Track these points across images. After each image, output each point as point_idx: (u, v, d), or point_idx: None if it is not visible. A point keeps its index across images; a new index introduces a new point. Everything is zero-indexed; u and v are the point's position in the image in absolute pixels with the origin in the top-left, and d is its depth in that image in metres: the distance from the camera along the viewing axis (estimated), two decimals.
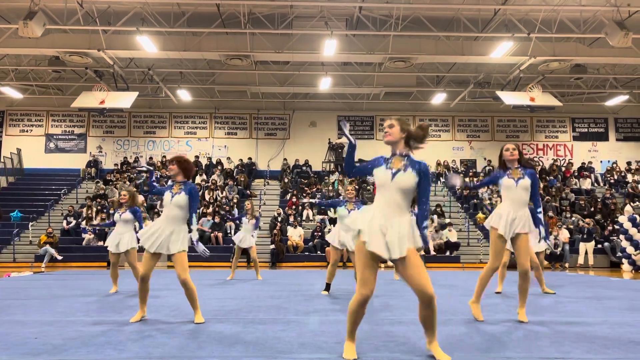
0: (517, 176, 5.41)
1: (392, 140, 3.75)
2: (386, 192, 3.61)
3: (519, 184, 5.38)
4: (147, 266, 5.12)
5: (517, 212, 5.34)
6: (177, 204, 5.17)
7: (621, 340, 4.36)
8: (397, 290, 8.68)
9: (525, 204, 5.39)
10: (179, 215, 5.19)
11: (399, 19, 15.65)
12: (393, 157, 3.74)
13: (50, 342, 4.18)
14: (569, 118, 24.27)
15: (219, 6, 15.32)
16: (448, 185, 5.85)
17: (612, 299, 7.51)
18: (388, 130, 3.76)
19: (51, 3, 15.09)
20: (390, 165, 3.68)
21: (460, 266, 16.76)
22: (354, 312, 3.60)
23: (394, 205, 3.59)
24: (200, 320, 5.14)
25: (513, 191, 5.42)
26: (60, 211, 19.72)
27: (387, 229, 3.52)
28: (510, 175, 5.44)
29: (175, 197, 5.17)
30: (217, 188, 20.57)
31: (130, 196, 8.16)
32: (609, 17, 14.95)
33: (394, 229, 3.51)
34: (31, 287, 9.30)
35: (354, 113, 23.95)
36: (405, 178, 3.62)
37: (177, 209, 5.17)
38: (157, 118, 23.91)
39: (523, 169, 5.44)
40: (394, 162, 3.69)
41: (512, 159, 5.49)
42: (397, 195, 3.60)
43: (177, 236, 5.13)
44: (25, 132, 23.56)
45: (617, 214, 18.36)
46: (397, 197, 3.60)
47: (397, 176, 3.61)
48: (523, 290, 5.33)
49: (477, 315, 5.40)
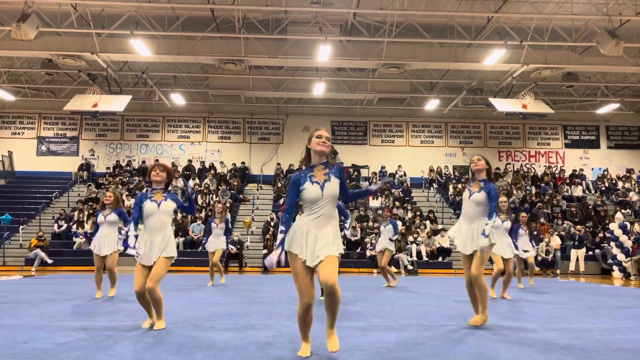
0: (474, 189, 5.36)
1: (327, 152, 3.85)
2: (317, 206, 3.74)
3: (472, 197, 5.35)
4: (140, 282, 4.98)
5: (469, 226, 5.36)
6: (166, 211, 5.14)
7: (611, 348, 4.38)
8: (388, 296, 8.69)
9: (478, 218, 5.33)
10: (167, 222, 5.16)
11: (392, 25, 15.73)
12: (313, 169, 3.82)
13: (39, 347, 4.15)
14: (560, 125, 24.44)
15: (214, 11, 15.33)
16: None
17: (602, 306, 7.54)
18: (326, 142, 3.83)
19: (45, 5, 15.05)
20: (314, 179, 3.77)
21: (452, 272, 16.78)
22: (302, 318, 3.81)
23: (326, 216, 3.75)
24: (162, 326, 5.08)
25: (466, 204, 5.44)
26: (52, 214, 19.57)
27: (316, 240, 3.69)
28: (470, 188, 5.43)
29: (162, 205, 5.11)
30: (210, 192, 20.52)
31: (115, 198, 8.10)
32: (600, 25, 15.09)
33: (323, 238, 3.69)
34: (21, 291, 9.23)
35: (347, 118, 23.99)
36: (333, 187, 3.78)
37: (166, 216, 5.14)
38: (150, 122, 23.84)
39: (485, 182, 5.36)
40: (317, 175, 3.79)
41: (475, 169, 5.46)
42: (329, 206, 3.77)
43: (168, 242, 5.06)
44: (17, 134, 23.42)
45: (608, 221, 18.47)
46: (329, 208, 3.77)
47: (326, 188, 3.75)
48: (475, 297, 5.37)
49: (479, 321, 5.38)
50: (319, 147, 3.81)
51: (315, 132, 3.87)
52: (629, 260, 15.74)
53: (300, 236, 3.71)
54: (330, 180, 3.76)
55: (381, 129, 24.07)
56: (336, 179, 3.79)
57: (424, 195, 22.16)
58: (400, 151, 23.74)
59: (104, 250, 7.98)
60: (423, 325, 5.48)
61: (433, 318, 6.04)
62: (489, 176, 5.43)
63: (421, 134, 24.26)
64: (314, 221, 3.72)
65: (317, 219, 3.72)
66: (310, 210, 3.75)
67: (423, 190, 22.52)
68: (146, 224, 5.12)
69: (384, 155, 23.42)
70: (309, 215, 3.75)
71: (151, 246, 5.02)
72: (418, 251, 17.28)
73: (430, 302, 7.76)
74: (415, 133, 24.23)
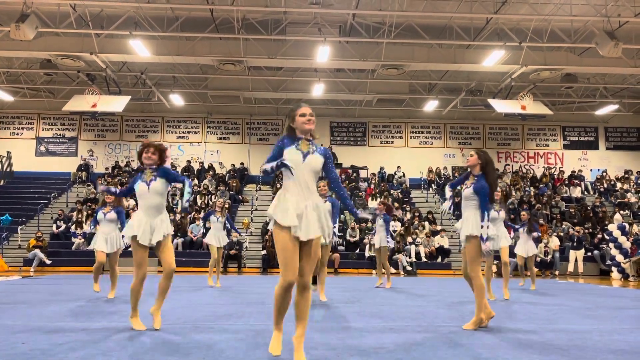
0: (468, 184, 5.40)
1: (313, 130, 3.75)
2: (297, 173, 3.63)
3: (463, 193, 5.43)
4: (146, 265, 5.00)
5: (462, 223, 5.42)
6: (156, 191, 4.99)
7: (610, 349, 4.38)
8: (387, 297, 8.69)
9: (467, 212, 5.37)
10: (161, 203, 5.06)
11: (392, 26, 15.74)
12: (299, 140, 3.73)
13: (38, 348, 4.14)
14: (559, 126, 24.46)
15: (213, 11, 15.34)
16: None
17: (601, 307, 7.55)
18: (311, 119, 3.73)
19: (44, 6, 15.04)
20: (299, 147, 3.70)
21: (452, 273, 16.79)
22: (282, 299, 3.61)
23: (305, 185, 3.65)
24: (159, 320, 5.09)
25: (462, 199, 5.49)
26: (50, 215, 19.55)
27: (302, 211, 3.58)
28: (467, 182, 5.47)
29: (152, 185, 4.98)
30: (209, 193, 20.51)
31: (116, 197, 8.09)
32: (599, 27, 15.12)
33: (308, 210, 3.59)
34: (19, 291, 9.21)
35: (346, 119, 24.00)
36: (316, 160, 3.68)
37: (158, 196, 5.01)
38: (149, 122, 23.83)
39: (479, 178, 5.35)
40: (302, 145, 3.71)
41: (468, 165, 5.50)
42: (309, 177, 3.67)
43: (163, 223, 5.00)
44: (16, 135, 23.40)
45: (607, 222, 18.49)
46: (310, 180, 3.68)
47: (308, 158, 3.67)
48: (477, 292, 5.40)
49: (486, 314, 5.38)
50: (306, 126, 3.69)
51: (299, 110, 3.72)
52: (627, 261, 15.75)
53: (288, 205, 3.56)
54: (313, 154, 3.68)
55: (380, 130, 24.09)
56: (319, 157, 3.70)
57: (423, 196, 22.17)
58: (399, 152, 23.75)
59: (107, 247, 8.01)
60: (422, 326, 5.48)
61: (432, 319, 6.04)
62: (484, 171, 5.36)
63: (420, 135, 24.28)
64: (295, 189, 3.61)
65: (299, 188, 3.61)
66: (289, 178, 3.64)
67: (422, 191, 22.54)
68: (141, 206, 5.04)
69: (383, 156, 23.44)
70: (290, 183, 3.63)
71: (151, 229, 4.94)
72: (417, 252, 17.29)
73: (429, 303, 7.76)
74: (414, 134, 24.24)
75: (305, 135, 3.73)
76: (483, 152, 5.51)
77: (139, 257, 4.98)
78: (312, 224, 3.59)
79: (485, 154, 5.49)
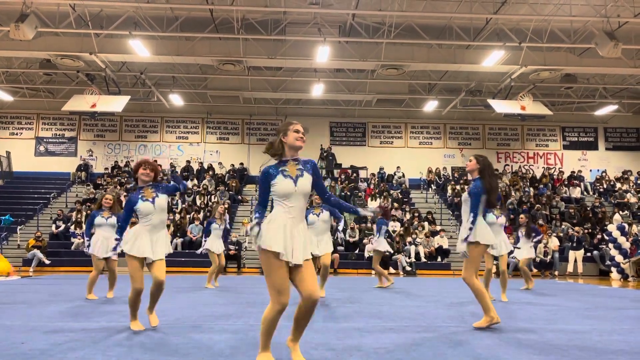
0: (466, 189, 5.46)
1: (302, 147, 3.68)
2: (290, 200, 3.58)
3: (462, 197, 5.46)
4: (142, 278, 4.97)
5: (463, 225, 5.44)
6: (162, 207, 5.06)
7: (609, 349, 4.38)
8: (387, 297, 8.69)
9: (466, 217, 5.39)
10: (165, 218, 5.19)
11: (391, 26, 15.74)
12: (286, 163, 3.65)
13: (37, 348, 4.14)
14: (559, 127, 24.47)
15: (212, 11, 15.33)
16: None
17: (600, 308, 7.55)
18: (304, 137, 3.67)
19: (43, 6, 15.03)
20: (286, 172, 3.61)
21: (451, 273, 16.79)
22: (273, 322, 3.52)
23: (298, 211, 3.61)
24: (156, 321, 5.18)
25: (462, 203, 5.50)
26: (50, 215, 19.54)
27: (293, 236, 3.53)
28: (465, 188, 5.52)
29: (157, 202, 5.02)
30: (208, 193, 20.50)
31: (115, 201, 8.06)
32: (599, 27, 15.12)
33: (300, 235, 3.56)
34: (18, 291, 9.21)
35: (346, 119, 24.00)
36: (306, 182, 3.62)
37: (163, 212, 5.11)
38: (148, 122, 23.82)
39: (476, 181, 5.35)
40: (289, 170, 3.63)
41: (467, 170, 5.52)
42: (302, 201, 3.63)
43: (165, 240, 5.09)
44: (15, 135, 23.38)
45: (606, 222, 18.49)
46: (302, 203, 3.64)
47: (299, 183, 3.60)
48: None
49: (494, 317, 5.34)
50: (297, 143, 3.63)
51: (292, 126, 3.64)
52: (627, 261, 15.76)
53: (277, 230, 3.50)
54: (303, 176, 3.61)
55: (380, 130, 24.09)
56: (309, 175, 3.64)
57: (423, 197, 22.17)
58: (399, 152, 23.75)
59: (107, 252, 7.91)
60: (422, 326, 5.48)
61: (431, 319, 6.04)
62: (481, 174, 5.36)
63: (420, 135, 24.28)
64: (288, 216, 3.56)
65: (292, 215, 3.56)
66: (283, 206, 3.58)
67: (421, 191, 22.54)
68: (145, 223, 5.02)
69: (382, 156, 23.44)
70: (282, 210, 3.58)
71: (154, 243, 4.98)
72: (416, 252, 17.29)
73: (428, 303, 7.75)
74: (414, 134, 24.24)
75: (294, 153, 3.66)
76: (482, 157, 5.52)
77: (133, 269, 4.98)
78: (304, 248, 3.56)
79: (484, 158, 5.49)
